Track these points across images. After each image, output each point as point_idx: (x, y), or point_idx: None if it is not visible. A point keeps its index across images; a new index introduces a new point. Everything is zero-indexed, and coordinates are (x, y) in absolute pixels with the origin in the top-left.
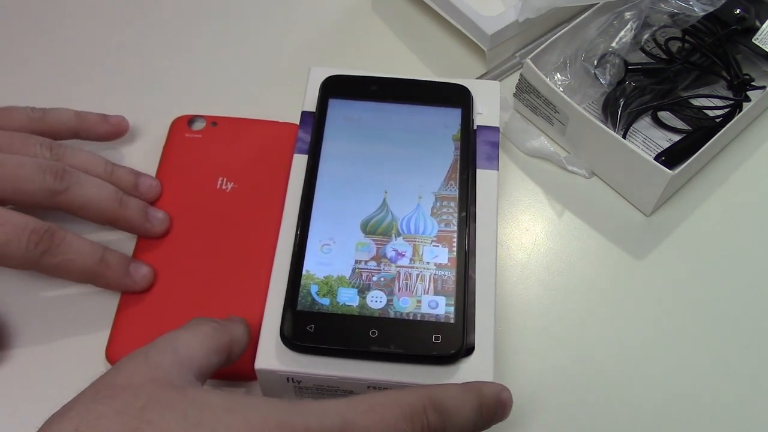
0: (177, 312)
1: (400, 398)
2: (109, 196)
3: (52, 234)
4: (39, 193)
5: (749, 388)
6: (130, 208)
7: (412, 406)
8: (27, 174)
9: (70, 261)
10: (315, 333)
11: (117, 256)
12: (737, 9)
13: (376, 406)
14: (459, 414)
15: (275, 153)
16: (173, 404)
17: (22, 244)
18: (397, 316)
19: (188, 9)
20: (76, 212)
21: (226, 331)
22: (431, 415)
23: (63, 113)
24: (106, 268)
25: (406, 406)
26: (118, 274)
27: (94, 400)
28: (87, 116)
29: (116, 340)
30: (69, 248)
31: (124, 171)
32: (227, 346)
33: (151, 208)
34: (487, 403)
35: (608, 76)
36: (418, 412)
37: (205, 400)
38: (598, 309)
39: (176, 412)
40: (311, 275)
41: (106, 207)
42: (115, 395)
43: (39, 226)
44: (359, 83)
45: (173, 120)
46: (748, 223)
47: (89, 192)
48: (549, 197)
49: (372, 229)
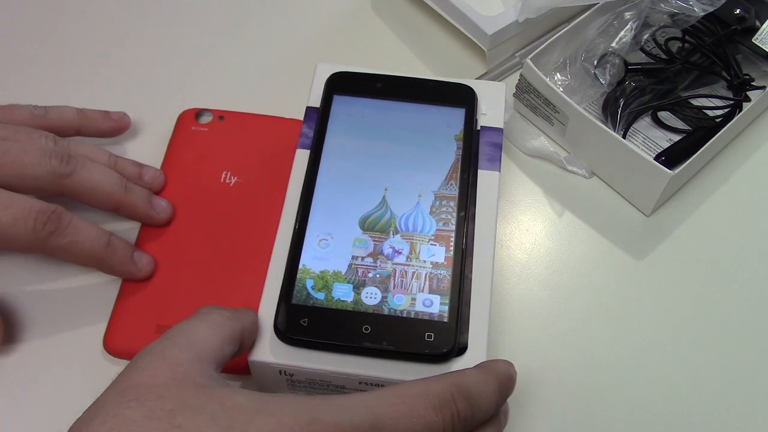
0: (175, 304)
1: (428, 388)
2: (114, 182)
3: (59, 215)
4: (45, 178)
5: (750, 387)
6: (134, 194)
7: (441, 395)
8: (32, 159)
9: (77, 243)
10: (309, 327)
11: (123, 242)
12: (737, 9)
13: (405, 397)
14: (483, 398)
15: (280, 148)
16: (202, 406)
17: (29, 225)
18: (391, 313)
19: (198, 4)
20: (81, 197)
21: (238, 320)
22: (460, 403)
23: (65, 110)
24: (112, 252)
25: (434, 396)
26: (124, 260)
27: (119, 404)
28: (89, 113)
29: (114, 330)
30: (76, 230)
31: (127, 162)
32: (240, 334)
33: (154, 197)
34: (503, 382)
35: (608, 76)
36: (447, 401)
37: (234, 402)
38: (598, 309)
39: (206, 414)
40: (307, 269)
41: (111, 191)
42: (141, 398)
43: (46, 207)
44: (364, 80)
45: (181, 113)
46: (748, 223)
47: (95, 177)
48: (549, 197)
49: (370, 225)
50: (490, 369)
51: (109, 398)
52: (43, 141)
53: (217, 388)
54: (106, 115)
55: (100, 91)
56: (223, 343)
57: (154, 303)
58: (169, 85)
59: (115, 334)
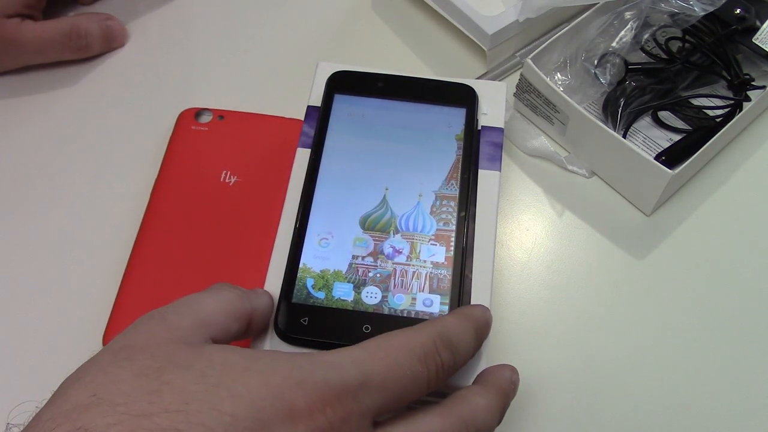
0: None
1: (413, 339)
2: None
3: None
4: None
5: (750, 387)
6: None
7: (425, 345)
8: None
9: None
10: (309, 326)
11: None
12: (737, 9)
13: (391, 350)
14: (463, 345)
15: (280, 148)
16: (191, 364)
17: None
18: (391, 312)
19: (198, 4)
20: None
21: (248, 300)
22: (443, 352)
23: None
24: None
25: (419, 347)
26: None
27: (111, 363)
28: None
29: (114, 327)
30: None
31: None
32: (248, 314)
33: None
34: (480, 328)
35: (608, 75)
36: (432, 352)
37: (223, 359)
38: (598, 308)
39: (194, 372)
40: (308, 268)
41: None
42: (133, 357)
43: None
44: (366, 79)
45: (181, 112)
46: (748, 223)
47: None
48: (549, 197)
49: (371, 225)
50: (468, 316)
51: (102, 357)
52: None
53: (208, 346)
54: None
55: (101, 90)
56: (228, 319)
57: (155, 301)
58: (169, 85)
59: (115, 331)
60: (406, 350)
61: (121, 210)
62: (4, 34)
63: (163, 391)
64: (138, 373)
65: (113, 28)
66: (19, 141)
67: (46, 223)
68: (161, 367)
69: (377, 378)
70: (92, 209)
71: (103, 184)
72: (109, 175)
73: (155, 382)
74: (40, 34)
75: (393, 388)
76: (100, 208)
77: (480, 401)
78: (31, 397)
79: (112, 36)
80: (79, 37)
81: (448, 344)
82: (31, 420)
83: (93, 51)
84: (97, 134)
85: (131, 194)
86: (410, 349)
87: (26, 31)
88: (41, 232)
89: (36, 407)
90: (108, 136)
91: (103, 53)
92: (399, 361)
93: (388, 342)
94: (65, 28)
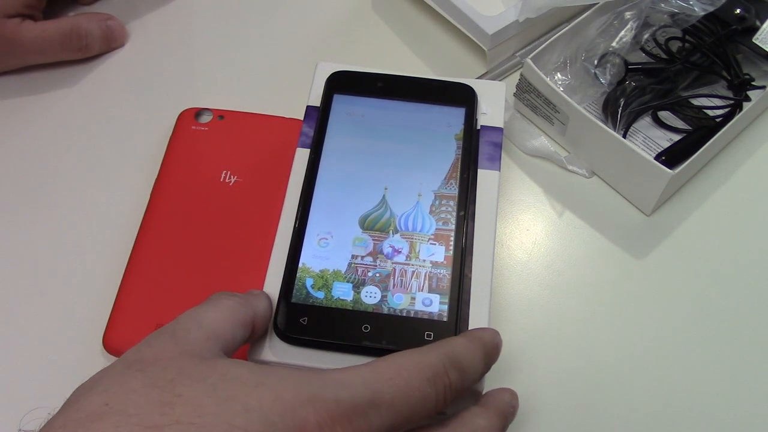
0: (175, 303)
1: (422, 360)
2: None
3: None
4: None
5: (750, 387)
6: None
7: (434, 367)
8: None
9: None
10: (308, 326)
11: None
12: (737, 9)
13: (401, 370)
14: (472, 368)
15: (280, 148)
16: (203, 377)
17: None
18: (391, 312)
19: (198, 4)
20: None
21: (249, 305)
22: (452, 374)
23: None
24: None
25: (428, 368)
26: None
27: (123, 374)
28: None
29: (114, 329)
30: None
31: None
32: (251, 319)
33: None
34: (489, 351)
35: (608, 75)
36: (440, 373)
37: (236, 373)
38: (599, 308)
39: (206, 385)
40: (307, 268)
41: None
42: (145, 369)
43: None
44: (365, 79)
45: (181, 112)
46: (748, 223)
47: None
48: (549, 197)
49: (370, 224)
50: (478, 338)
51: (115, 368)
52: None
53: (220, 360)
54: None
55: (101, 90)
56: (234, 328)
57: (154, 302)
58: (169, 85)
59: (114, 332)
60: (416, 371)
61: (121, 210)
62: (5, 34)
63: (176, 403)
64: (151, 385)
65: (113, 28)
66: (19, 141)
67: (46, 223)
68: (174, 380)
69: (387, 398)
70: (92, 209)
71: (103, 183)
72: (110, 175)
73: (168, 394)
74: (40, 34)
75: (402, 408)
76: (100, 208)
77: (482, 423)
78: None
79: (112, 36)
80: (79, 37)
81: (457, 366)
82: (43, 426)
83: (93, 51)
84: (97, 134)
85: (131, 194)
86: (420, 370)
87: (26, 31)
88: (41, 232)
89: (48, 414)
90: (108, 136)
91: (103, 53)
92: (408, 381)
93: (398, 362)
94: (65, 28)
